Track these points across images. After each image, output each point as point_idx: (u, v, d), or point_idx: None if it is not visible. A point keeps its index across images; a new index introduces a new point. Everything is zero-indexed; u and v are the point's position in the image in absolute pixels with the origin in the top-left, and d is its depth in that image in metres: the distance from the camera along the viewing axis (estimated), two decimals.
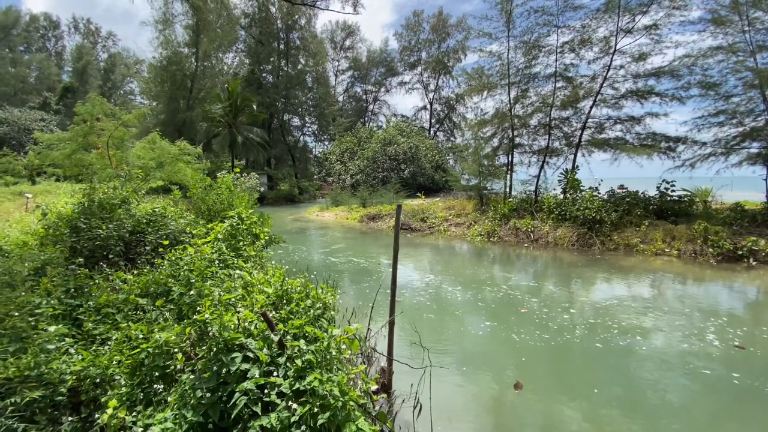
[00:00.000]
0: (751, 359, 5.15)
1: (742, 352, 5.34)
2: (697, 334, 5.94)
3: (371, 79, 59.27)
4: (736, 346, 5.45)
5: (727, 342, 5.64)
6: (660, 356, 5.24)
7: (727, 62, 13.80)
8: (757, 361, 5.09)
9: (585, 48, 15.78)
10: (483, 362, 5.18)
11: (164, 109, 38.42)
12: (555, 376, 4.80)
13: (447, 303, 7.56)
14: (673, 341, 5.74)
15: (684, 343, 5.64)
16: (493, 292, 8.26)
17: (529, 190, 17.17)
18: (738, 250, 10.83)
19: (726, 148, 14.26)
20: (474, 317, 6.89)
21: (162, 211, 6.82)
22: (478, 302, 7.65)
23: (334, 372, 2.20)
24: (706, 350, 5.41)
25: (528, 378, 4.79)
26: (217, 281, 3.24)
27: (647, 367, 4.99)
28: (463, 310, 7.22)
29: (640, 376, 4.79)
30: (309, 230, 19.39)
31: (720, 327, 6.22)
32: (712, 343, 5.63)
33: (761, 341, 5.69)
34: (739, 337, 5.80)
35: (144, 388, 2.53)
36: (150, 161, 16.94)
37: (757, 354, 5.28)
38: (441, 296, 8.02)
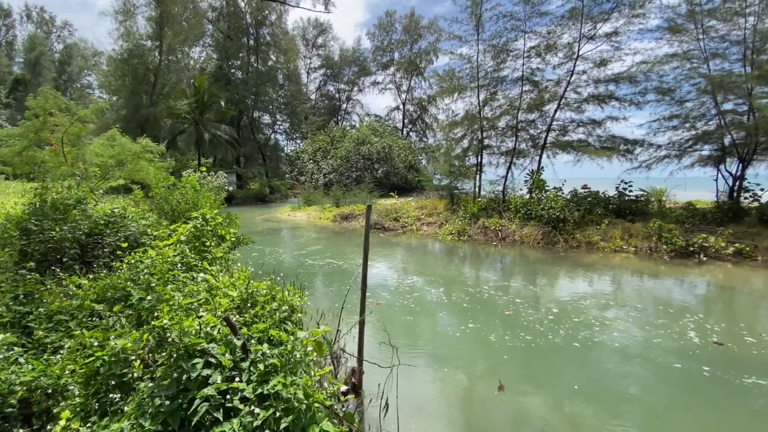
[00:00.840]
0: (702, 349, 5.53)
1: (702, 343, 5.73)
2: (655, 327, 6.32)
3: (344, 78, 58.95)
4: (714, 342, 5.66)
5: (681, 333, 6.03)
6: (621, 348, 5.54)
7: (682, 69, 14.72)
8: (706, 351, 5.48)
9: (550, 53, 16.38)
10: (453, 359, 5.29)
11: (125, 105, 36.64)
12: (523, 370, 4.98)
13: (418, 302, 7.66)
14: (632, 334, 6.07)
15: (643, 336, 5.99)
16: (462, 290, 8.44)
17: (497, 190, 17.65)
18: (690, 246, 11.59)
19: (679, 150, 15.22)
20: (444, 315, 7.02)
21: (122, 212, 6.53)
22: (448, 300, 7.80)
23: (299, 375, 2.19)
24: (663, 342, 5.76)
25: (497, 374, 4.94)
26: (179, 285, 3.14)
27: (609, 359, 5.27)
28: (434, 308, 7.34)
29: (602, 368, 5.05)
30: (281, 231, 19.08)
31: (674, 319, 6.65)
32: (670, 335, 6.01)
33: (714, 331, 6.13)
34: (691, 329, 6.22)
35: (99, 398, 2.43)
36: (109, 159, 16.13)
37: (707, 344, 5.68)
38: (413, 295, 8.12)
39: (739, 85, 13.27)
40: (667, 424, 3.98)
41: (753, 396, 4.38)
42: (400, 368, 4.18)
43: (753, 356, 5.28)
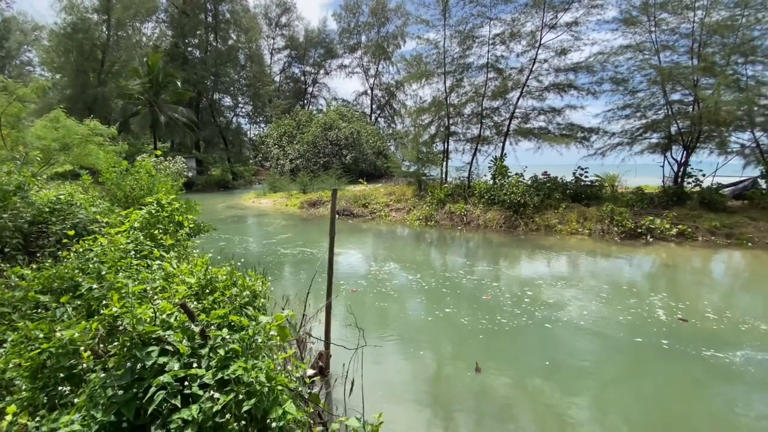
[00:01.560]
0: (652, 323, 5.99)
1: (652, 318, 6.19)
2: (605, 303, 6.77)
3: (310, 60, 57.24)
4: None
5: (626, 307, 6.50)
6: (578, 325, 5.89)
7: (635, 60, 15.49)
8: (656, 325, 5.94)
9: (514, 41, 16.70)
10: (420, 341, 5.43)
11: (70, 83, 33.84)
12: (487, 350, 5.19)
13: (387, 286, 7.75)
14: (588, 312, 6.47)
15: (598, 313, 6.39)
16: (430, 275, 8.63)
17: (463, 176, 18.02)
18: (638, 228, 12.42)
19: (631, 138, 16.14)
20: (412, 299, 7.17)
21: (68, 199, 6.09)
22: (416, 285, 7.95)
23: (261, 359, 2.18)
24: (613, 316, 6.19)
25: (463, 354, 5.13)
26: (132, 272, 3.00)
27: (566, 336, 5.60)
28: (402, 292, 7.47)
29: (560, 345, 5.36)
30: (246, 218, 18.56)
31: (625, 295, 7.15)
32: (616, 308, 6.46)
33: (652, 305, 6.64)
34: (636, 303, 6.71)
35: (48, 391, 2.30)
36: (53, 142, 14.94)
37: (656, 318, 6.16)
38: (381, 280, 8.21)
39: (686, 76, 14.16)
40: (620, 393, 4.32)
41: (678, 362, 4.82)
42: (370, 351, 4.25)
43: (694, 327, 5.79)
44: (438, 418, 3.77)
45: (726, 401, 4.12)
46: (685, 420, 3.79)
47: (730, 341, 5.32)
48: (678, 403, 4.05)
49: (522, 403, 3.99)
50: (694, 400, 4.15)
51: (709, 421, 3.78)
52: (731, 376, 4.54)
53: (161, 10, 40.59)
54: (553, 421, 3.68)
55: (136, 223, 4.00)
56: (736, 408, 3.98)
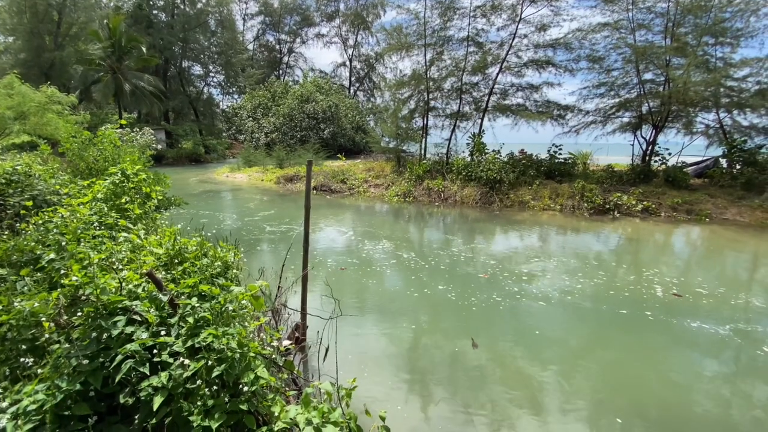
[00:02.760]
0: (603, 290, 6.33)
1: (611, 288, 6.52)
2: (572, 274, 7.08)
3: (285, 28, 54.68)
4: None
5: (592, 279, 6.83)
6: (543, 295, 6.16)
7: (612, 38, 15.61)
8: (609, 293, 6.28)
9: (495, 14, 16.45)
10: (397, 311, 5.56)
11: (24, 47, 31.30)
12: (460, 320, 5.37)
13: (365, 261, 7.82)
14: (553, 282, 6.75)
15: (561, 283, 6.69)
16: (406, 249, 8.74)
17: (441, 152, 18.05)
18: (606, 204, 12.90)
19: (604, 117, 16.50)
20: (390, 273, 7.27)
21: (26, 169, 5.74)
22: (392, 258, 8.05)
23: (233, 327, 2.18)
24: (580, 287, 6.49)
25: (435, 322, 5.29)
26: (95, 244, 2.89)
27: (533, 305, 5.85)
28: (380, 267, 7.56)
29: (528, 314, 5.60)
30: (219, 193, 18.08)
31: (592, 268, 7.49)
32: (582, 281, 6.78)
33: (618, 276, 7.00)
34: (600, 273, 7.06)
35: (9, 363, 2.24)
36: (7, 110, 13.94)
37: (608, 286, 6.50)
38: (359, 255, 8.26)
39: (658, 55, 14.44)
40: (585, 359, 4.59)
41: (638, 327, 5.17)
42: (348, 323, 4.33)
43: (650, 295, 6.16)
44: (413, 384, 3.92)
45: (679, 361, 4.47)
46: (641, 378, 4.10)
47: (684, 309, 5.71)
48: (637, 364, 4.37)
49: (494, 371, 4.19)
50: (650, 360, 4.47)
51: (659, 379, 4.10)
52: (683, 339, 4.91)
53: None
54: (522, 387, 3.89)
55: (100, 194, 3.83)
56: (690, 367, 4.33)
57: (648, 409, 3.57)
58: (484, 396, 3.73)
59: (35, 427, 1.87)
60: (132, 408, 1.99)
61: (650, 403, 3.66)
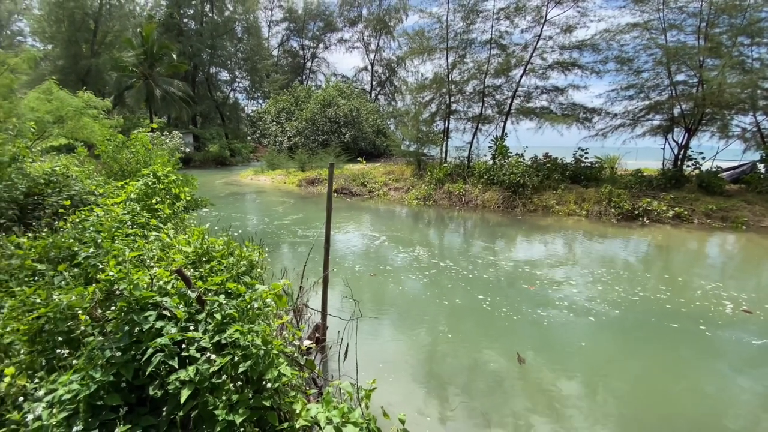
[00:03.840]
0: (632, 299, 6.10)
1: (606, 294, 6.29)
2: (599, 283, 6.86)
3: (308, 34, 55.66)
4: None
5: (625, 288, 6.60)
6: (569, 303, 5.99)
7: (641, 39, 15.10)
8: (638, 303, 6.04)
9: (519, 16, 16.23)
10: (416, 314, 5.53)
11: (63, 54, 32.98)
12: (480, 326, 5.29)
13: (382, 263, 7.82)
14: (580, 290, 6.56)
15: (589, 291, 6.49)
16: (426, 252, 8.69)
17: (462, 156, 17.88)
18: (635, 210, 12.45)
19: (633, 119, 15.95)
20: (409, 277, 7.24)
21: (63, 170, 6.04)
22: (413, 261, 8.02)
23: (257, 325, 2.21)
24: (606, 296, 6.28)
25: (455, 327, 5.23)
26: (128, 242, 3.01)
27: (558, 313, 5.69)
28: (398, 269, 7.54)
29: (553, 322, 5.46)
30: (243, 195, 18.50)
31: (627, 277, 7.24)
32: (616, 290, 6.56)
33: (648, 286, 6.74)
34: (625, 282, 6.81)
35: (46, 354, 2.35)
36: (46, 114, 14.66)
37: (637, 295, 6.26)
38: (377, 257, 8.27)
39: (691, 56, 13.88)
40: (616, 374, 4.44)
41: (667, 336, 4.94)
42: (367, 325, 4.33)
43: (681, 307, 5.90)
44: (431, 389, 3.87)
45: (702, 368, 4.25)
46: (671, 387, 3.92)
47: (722, 320, 5.43)
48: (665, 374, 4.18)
49: (515, 380, 4.09)
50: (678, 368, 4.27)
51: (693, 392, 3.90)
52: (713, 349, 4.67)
53: None
54: (542, 397, 3.78)
55: (133, 195, 3.99)
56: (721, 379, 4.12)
57: None
58: (505, 405, 3.65)
59: (69, 416, 1.95)
60: (160, 400, 2.05)
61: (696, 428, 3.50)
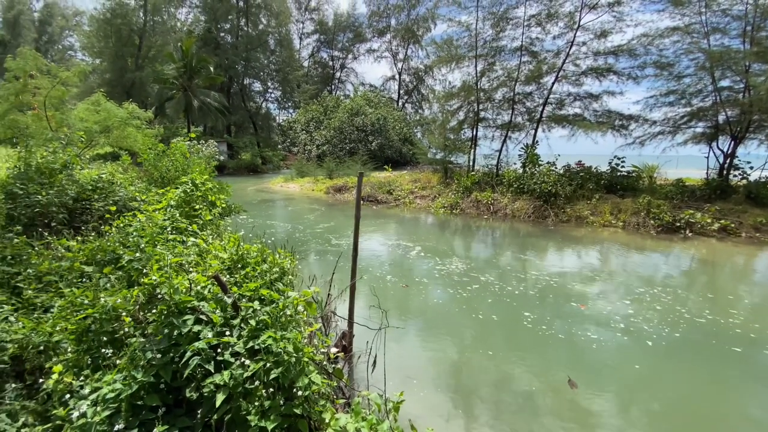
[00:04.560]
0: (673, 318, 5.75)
1: (655, 313, 5.94)
2: (638, 299, 6.53)
3: (338, 45, 56.94)
4: None
5: (682, 307, 6.25)
6: (602, 319, 5.73)
7: (682, 43, 14.44)
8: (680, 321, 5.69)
9: (551, 22, 15.95)
10: (442, 326, 5.44)
11: (110, 68, 35.27)
12: (510, 339, 5.14)
13: (409, 272, 7.78)
14: (613, 306, 6.27)
15: (625, 307, 6.19)
16: (452, 262, 8.57)
17: (491, 164, 17.63)
18: (676, 222, 11.80)
19: (674, 127, 15.20)
20: (435, 286, 7.16)
21: (109, 177, 6.41)
22: (438, 271, 7.93)
23: (289, 332, 2.24)
24: (644, 313, 5.97)
25: (483, 340, 5.11)
26: (168, 247, 3.14)
27: (589, 329, 5.46)
28: (424, 278, 7.47)
29: (584, 338, 5.23)
30: (273, 202, 18.98)
31: (657, 291, 6.87)
32: (651, 306, 6.22)
33: (691, 305, 6.35)
34: (681, 300, 6.43)
35: (92, 353, 2.47)
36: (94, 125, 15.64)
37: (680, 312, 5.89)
38: (404, 266, 8.23)
39: (737, 61, 13.14)
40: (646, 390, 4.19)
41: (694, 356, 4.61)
42: (392, 334, 4.30)
43: (730, 327, 5.51)
44: (457, 404, 3.79)
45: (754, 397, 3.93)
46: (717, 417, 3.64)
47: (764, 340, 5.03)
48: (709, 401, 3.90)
49: (544, 397, 3.93)
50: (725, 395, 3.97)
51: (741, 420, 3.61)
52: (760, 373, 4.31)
53: None
54: (574, 415, 3.62)
55: (173, 201, 4.17)
56: None
57: None
58: (534, 424, 3.50)
59: (111, 414, 2.04)
60: (195, 402, 2.11)
61: None
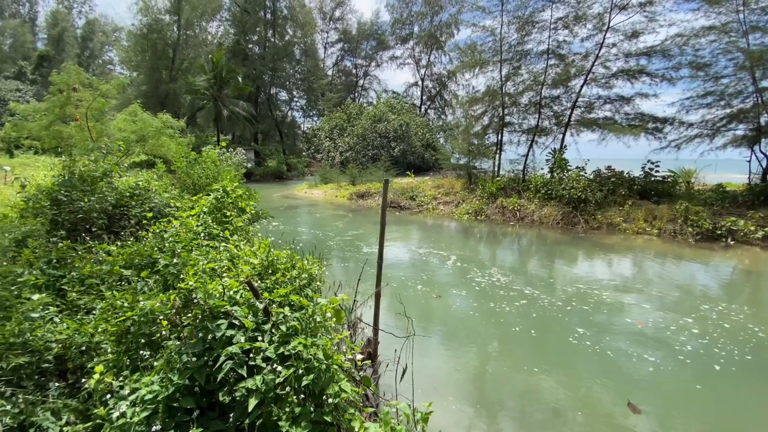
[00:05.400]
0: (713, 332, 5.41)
1: (710, 329, 5.61)
2: (674, 310, 6.20)
3: (361, 53, 57.70)
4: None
5: (699, 317, 5.91)
6: (639, 331, 5.47)
7: (719, 42, 13.78)
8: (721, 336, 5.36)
9: (579, 24, 15.60)
10: (467, 335, 5.34)
11: (146, 80, 37.05)
12: (538, 349, 4.99)
13: (433, 279, 7.70)
14: (672, 321, 5.98)
15: (687, 325, 5.89)
16: (477, 269, 8.43)
17: (517, 169, 17.29)
18: (717, 229, 11.17)
19: (712, 129, 14.46)
20: (459, 293, 7.05)
21: (145, 185, 6.69)
22: (463, 279, 7.81)
23: (319, 338, 2.26)
24: (683, 325, 5.66)
25: (509, 350, 4.98)
26: (202, 252, 3.24)
27: (625, 341, 5.22)
28: (449, 286, 7.38)
29: (618, 352, 5.01)
30: (298, 207, 19.30)
31: (695, 303, 6.51)
32: (688, 317, 5.90)
33: (732, 320, 5.98)
34: (710, 312, 6.07)
35: (130, 354, 2.57)
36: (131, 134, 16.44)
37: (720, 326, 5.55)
38: (427, 273, 8.16)
39: None
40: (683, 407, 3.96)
41: None
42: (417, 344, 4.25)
43: None
44: (483, 415, 3.69)
45: None
46: None
47: None
48: None
49: (574, 412, 3.78)
50: None
51: None
52: None
53: (225, 9, 43.01)
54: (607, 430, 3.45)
55: (205, 208, 4.31)
56: None
57: None
58: None
59: (149, 415, 2.10)
60: (228, 406, 2.14)
61: None
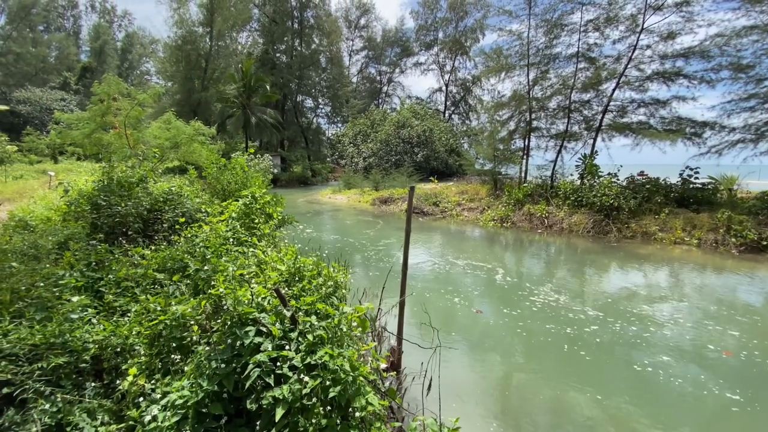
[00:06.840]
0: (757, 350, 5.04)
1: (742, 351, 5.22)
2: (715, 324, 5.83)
3: (386, 60, 58.21)
4: None
5: (743, 332, 5.52)
6: (674, 347, 5.16)
7: (762, 43, 13.04)
8: None
9: (610, 26, 15.12)
10: (492, 346, 5.20)
11: (179, 89, 38.63)
12: (565, 363, 4.79)
13: (457, 287, 7.56)
14: (688, 332, 5.64)
15: (700, 336, 5.55)
16: (504, 278, 8.23)
17: (544, 175, 16.84)
18: (763, 240, 10.48)
19: (756, 134, 13.63)
20: (485, 302, 6.89)
21: (178, 190, 6.93)
22: (489, 287, 7.63)
23: (345, 348, 2.23)
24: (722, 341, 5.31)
25: (537, 364, 4.80)
26: (231, 258, 3.30)
27: (659, 357, 4.93)
28: (474, 295, 7.22)
29: (650, 366, 4.74)
30: (322, 213, 19.52)
31: (740, 318, 6.09)
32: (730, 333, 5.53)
33: None
34: (756, 332, 5.66)
35: (162, 357, 2.62)
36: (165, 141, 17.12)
37: None
38: (451, 280, 8.03)
39: None
40: None
41: None
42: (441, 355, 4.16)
43: None
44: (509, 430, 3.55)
45: None
46: None
47: None
48: None
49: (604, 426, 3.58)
50: None
51: None
52: None
53: (254, 20, 44.43)
54: None
55: (234, 214, 4.40)
56: None
57: None
58: None
59: (179, 420, 2.13)
60: (254, 414, 2.14)
61: None
